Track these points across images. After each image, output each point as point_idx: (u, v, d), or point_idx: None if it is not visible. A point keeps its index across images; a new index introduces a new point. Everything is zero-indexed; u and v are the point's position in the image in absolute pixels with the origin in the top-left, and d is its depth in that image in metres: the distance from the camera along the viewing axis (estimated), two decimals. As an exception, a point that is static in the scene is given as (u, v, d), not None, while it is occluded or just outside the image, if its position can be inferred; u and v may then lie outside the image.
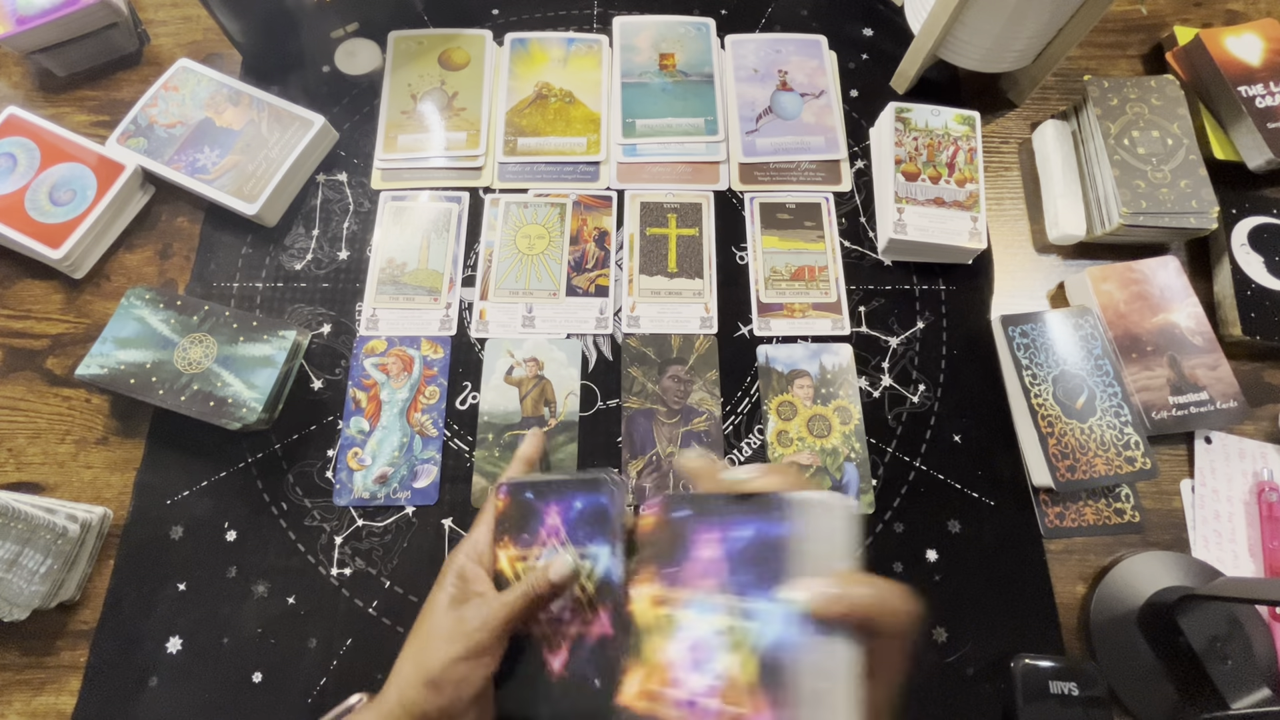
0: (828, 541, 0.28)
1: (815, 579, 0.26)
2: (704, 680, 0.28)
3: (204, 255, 0.64)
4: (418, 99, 0.70)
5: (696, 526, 0.32)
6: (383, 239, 0.65)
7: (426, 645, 0.39)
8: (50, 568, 0.50)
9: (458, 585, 0.40)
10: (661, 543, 0.34)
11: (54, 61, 0.69)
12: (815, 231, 0.66)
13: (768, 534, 0.28)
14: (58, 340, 0.61)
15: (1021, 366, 0.58)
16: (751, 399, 0.60)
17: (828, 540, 0.28)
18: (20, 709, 0.51)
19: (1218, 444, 0.60)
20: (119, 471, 0.57)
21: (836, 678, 0.26)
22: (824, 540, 0.28)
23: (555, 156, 0.68)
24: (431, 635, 0.39)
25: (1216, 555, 0.56)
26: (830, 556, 0.27)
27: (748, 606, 0.28)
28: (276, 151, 0.64)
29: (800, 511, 0.28)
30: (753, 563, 0.29)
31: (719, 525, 0.31)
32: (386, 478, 0.57)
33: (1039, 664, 0.51)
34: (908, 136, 0.65)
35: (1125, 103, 0.66)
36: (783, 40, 0.74)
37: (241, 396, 0.55)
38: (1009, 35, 0.62)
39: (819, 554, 0.27)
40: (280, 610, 0.53)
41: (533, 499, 0.42)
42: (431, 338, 0.61)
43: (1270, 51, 0.68)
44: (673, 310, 0.63)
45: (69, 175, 0.62)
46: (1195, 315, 0.61)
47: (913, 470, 0.58)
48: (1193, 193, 0.62)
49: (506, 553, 0.42)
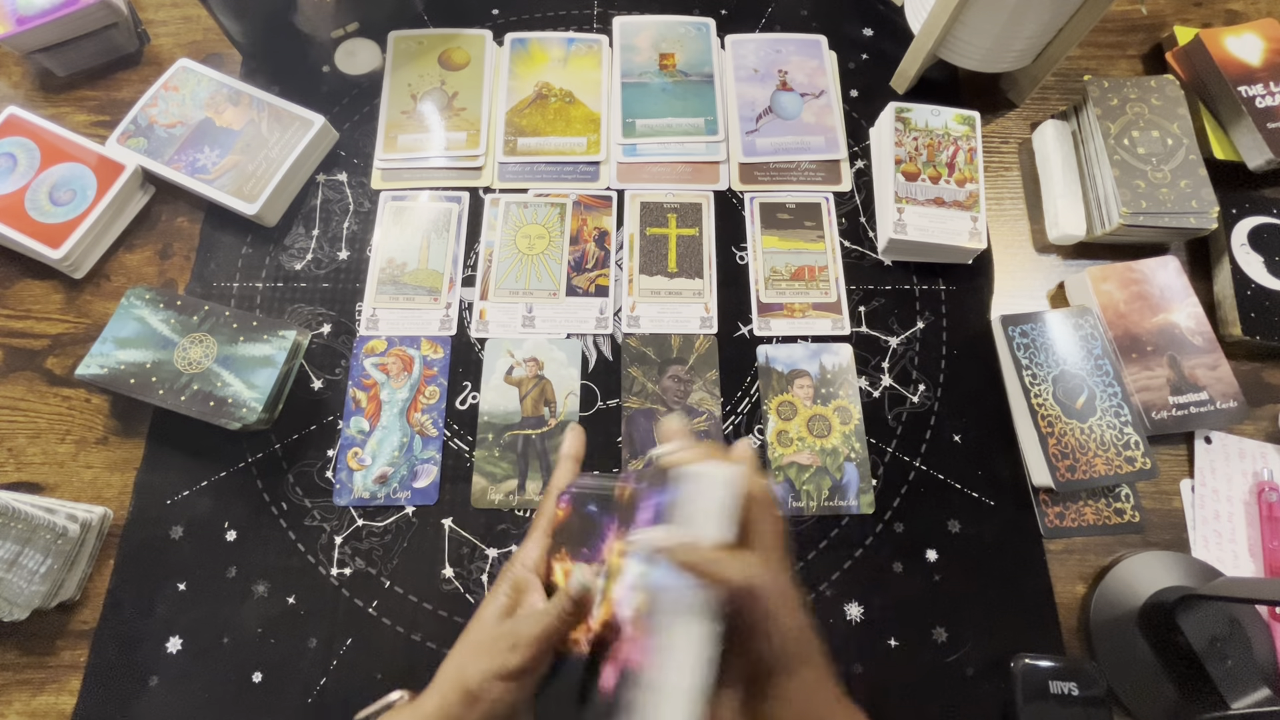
0: (698, 505, 0.34)
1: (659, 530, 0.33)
2: (625, 612, 0.35)
3: (204, 255, 0.64)
4: (418, 99, 0.70)
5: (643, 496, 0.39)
6: (383, 239, 0.65)
7: (468, 656, 0.39)
8: (50, 568, 0.50)
9: (510, 595, 0.40)
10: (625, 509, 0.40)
11: (54, 61, 0.69)
12: (815, 231, 0.66)
13: (667, 500, 0.35)
14: (58, 340, 0.61)
15: (1021, 366, 0.58)
16: (751, 399, 0.60)
17: (698, 504, 0.34)
18: (20, 709, 0.51)
19: (1218, 444, 0.60)
20: (119, 471, 0.57)
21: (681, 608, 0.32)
22: (695, 504, 0.34)
23: (555, 156, 0.68)
24: (475, 646, 0.39)
25: (1216, 555, 0.56)
26: (698, 515, 0.34)
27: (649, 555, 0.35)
28: (276, 151, 0.64)
29: (680, 482, 0.34)
30: (658, 522, 0.36)
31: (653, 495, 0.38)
32: (386, 478, 0.57)
33: (1039, 664, 0.51)
34: (908, 136, 0.65)
35: (1125, 103, 0.66)
36: (783, 40, 0.74)
37: (241, 396, 0.55)
38: (1009, 35, 0.62)
39: (694, 514, 0.34)
40: (280, 610, 0.53)
41: (596, 512, 0.41)
42: (431, 338, 0.61)
43: (1270, 51, 0.68)
44: (673, 310, 0.63)
45: (69, 175, 0.62)
46: (1195, 315, 0.61)
47: (913, 470, 0.58)
48: (1193, 193, 0.62)
49: (562, 565, 0.41)
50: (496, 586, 0.41)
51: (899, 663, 0.53)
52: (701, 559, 0.32)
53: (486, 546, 0.55)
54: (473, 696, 0.37)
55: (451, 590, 0.54)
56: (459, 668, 0.39)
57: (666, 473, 0.36)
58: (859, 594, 0.55)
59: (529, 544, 0.42)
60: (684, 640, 0.31)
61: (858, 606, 0.54)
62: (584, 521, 0.42)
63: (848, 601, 0.54)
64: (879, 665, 0.53)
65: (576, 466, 0.48)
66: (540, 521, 0.43)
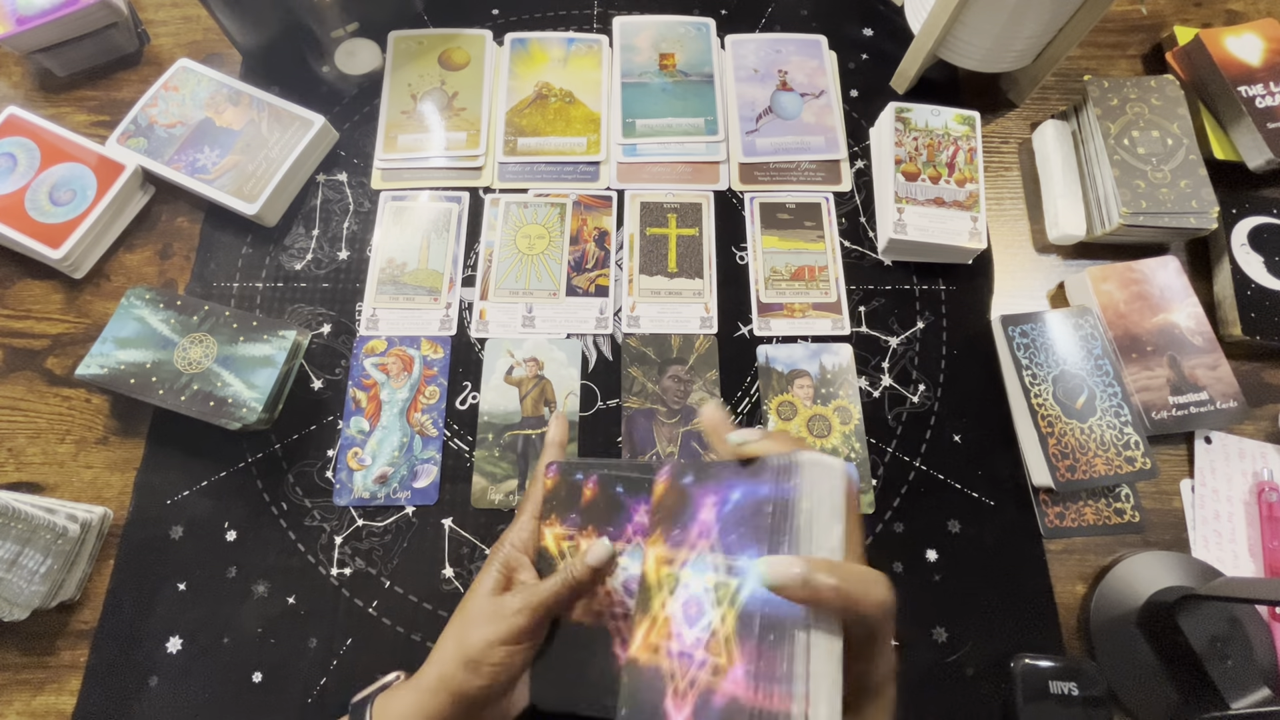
0: (816, 501, 0.28)
1: (783, 558, 0.27)
2: (695, 633, 0.30)
3: (204, 255, 0.64)
4: (418, 99, 0.70)
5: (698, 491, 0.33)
6: (383, 239, 0.65)
7: (467, 627, 0.40)
8: (50, 568, 0.50)
9: (501, 573, 0.41)
10: (668, 507, 0.35)
11: (54, 61, 0.69)
12: (815, 231, 0.66)
13: (756, 495, 0.30)
14: (58, 340, 0.61)
15: (1021, 366, 0.58)
16: (751, 399, 0.60)
17: (816, 501, 0.28)
18: (20, 709, 0.51)
19: (1218, 444, 0.60)
20: (119, 471, 0.57)
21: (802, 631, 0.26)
22: (812, 501, 0.28)
23: (555, 156, 0.68)
24: (473, 617, 0.40)
25: (1216, 555, 0.56)
26: (818, 516, 0.28)
27: (733, 564, 0.30)
28: (276, 151, 0.64)
29: (787, 473, 0.29)
30: (740, 523, 0.30)
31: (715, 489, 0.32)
32: (386, 478, 0.57)
33: (1039, 664, 0.51)
34: (908, 136, 0.65)
35: (1125, 103, 0.66)
36: (783, 40, 0.74)
37: (241, 396, 0.55)
38: (1009, 35, 0.62)
39: (807, 514, 0.28)
40: (280, 610, 0.53)
41: (581, 479, 0.42)
42: (431, 338, 0.61)
43: (1270, 51, 0.68)
44: (673, 310, 0.63)
45: (69, 175, 0.62)
46: (1195, 315, 0.61)
47: (913, 470, 0.58)
48: (1193, 193, 0.62)
49: (553, 530, 0.42)
50: (487, 566, 0.42)
51: (899, 663, 0.53)
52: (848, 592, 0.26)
53: (487, 546, 0.55)
54: (474, 663, 0.38)
55: (451, 590, 0.54)
56: (459, 638, 0.40)
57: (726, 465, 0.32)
58: (859, 594, 0.54)
59: (516, 525, 0.44)
60: (819, 665, 0.26)
61: (858, 606, 0.54)
62: (569, 488, 0.42)
63: (848, 601, 0.54)
64: (879, 665, 0.53)
65: (561, 453, 0.49)
66: (527, 505, 0.44)
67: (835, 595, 0.26)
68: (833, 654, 0.26)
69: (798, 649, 0.26)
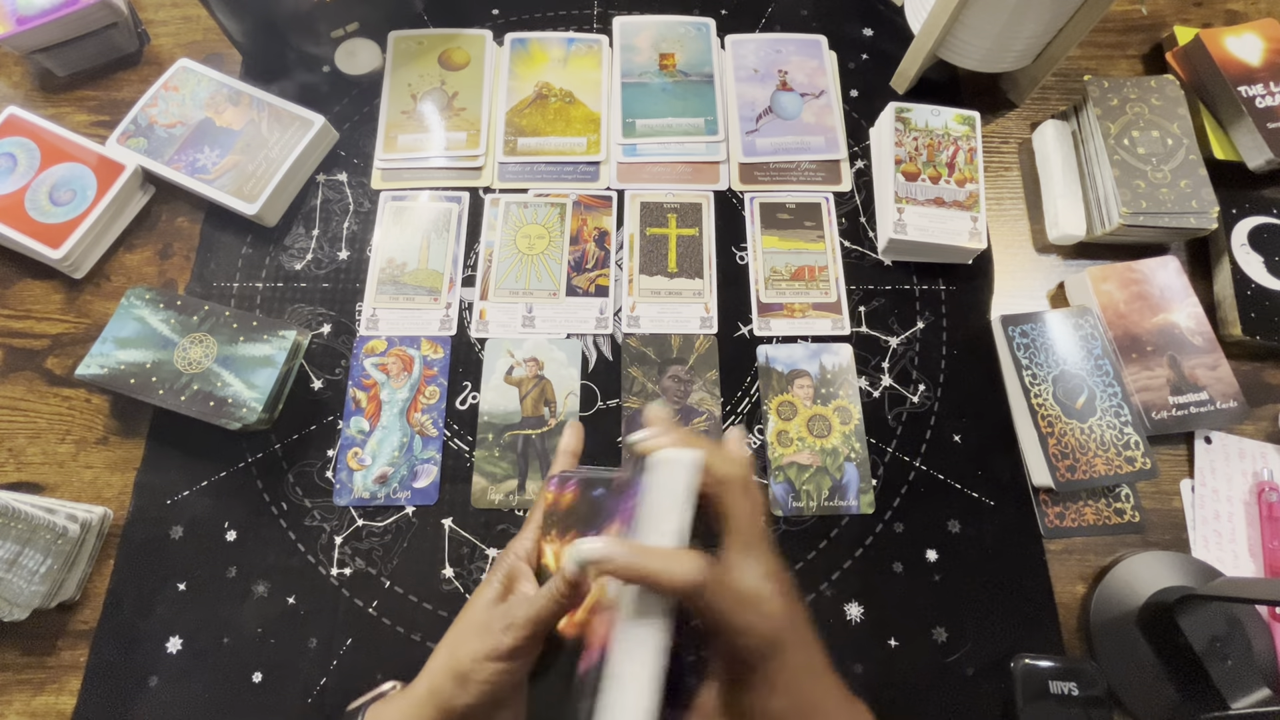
0: (658, 493, 0.32)
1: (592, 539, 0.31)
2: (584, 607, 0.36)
3: (204, 255, 0.64)
4: (418, 99, 0.70)
5: (586, 491, 0.38)
6: (383, 239, 0.65)
7: (459, 639, 0.39)
8: (50, 568, 0.50)
9: (503, 583, 0.41)
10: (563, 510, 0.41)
11: (54, 61, 0.69)
12: (815, 231, 0.66)
13: (635, 489, 0.34)
14: (58, 340, 0.61)
15: (1021, 366, 0.58)
16: (751, 399, 0.60)
17: (658, 493, 0.32)
18: (20, 709, 0.51)
19: (1218, 444, 0.60)
20: (119, 471, 0.57)
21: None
22: (656, 493, 0.32)
23: (555, 156, 0.68)
24: (465, 629, 0.39)
25: (1216, 555, 0.56)
26: (657, 507, 0.32)
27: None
28: (276, 151, 0.64)
29: (646, 469, 0.33)
30: (603, 515, 0.35)
31: (593, 486, 0.38)
32: (386, 478, 0.57)
33: (1039, 664, 0.51)
34: (908, 136, 0.65)
35: (1125, 103, 0.66)
36: (783, 40, 0.74)
37: (241, 396, 0.55)
38: (1009, 35, 0.62)
39: (656, 505, 0.32)
40: (280, 610, 0.53)
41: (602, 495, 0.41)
42: (431, 338, 0.61)
43: (1270, 51, 0.68)
44: (673, 310, 0.63)
45: (69, 175, 0.62)
46: (1195, 315, 0.61)
47: (913, 470, 0.58)
48: (1193, 193, 0.62)
49: (553, 547, 0.41)
50: (489, 575, 0.42)
51: (899, 663, 0.53)
52: (641, 567, 0.30)
53: (486, 546, 0.55)
54: (464, 677, 0.37)
55: (451, 590, 0.54)
56: (451, 651, 0.39)
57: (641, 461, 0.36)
58: (859, 594, 0.55)
59: (523, 535, 0.43)
60: (640, 634, 0.31)
61: (858, 606, 0.54)
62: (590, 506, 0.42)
63: (848, 602, 0.54)
64: (879, 665, 0.53)
65: (574, 461, 0.49)
66: (534, 514, 0.44)
67: (628, 570, 0.30)
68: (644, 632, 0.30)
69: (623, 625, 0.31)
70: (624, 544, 0.30)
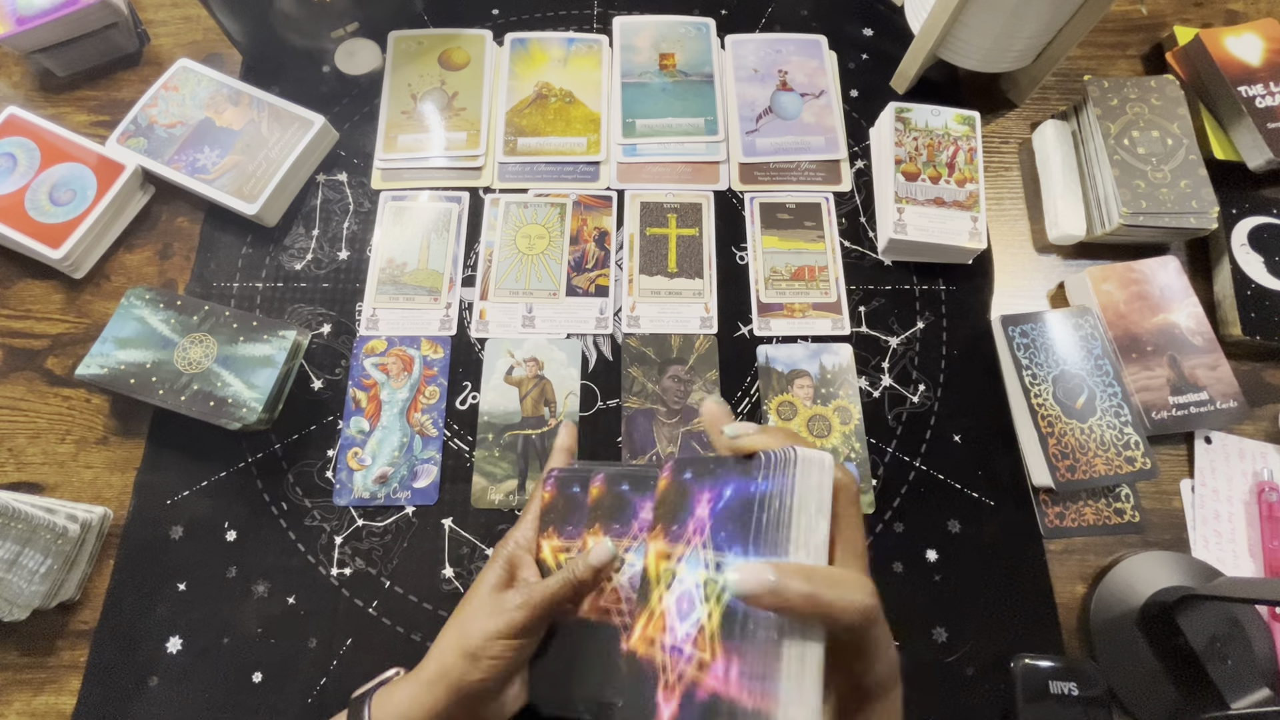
0: (802, 499, 0.28)
1: (754, 566, 0.26)
2: (685, 628, 0.30)
3: (204, 255, 0.64)
4: (418, 99, 0.70)
5: (696, 486, 0.33)
6: (383, 239, 0.65)
7: (468, 620, 0.40)
8: (50, 568, 0.50)
9: (505, 570, 0.42)
10: (669, 502, 0.35)
11: (54, 61, 0.69)
12: (815, 231, 0.66)
13: (746, 491, 0.30)
14: (58, 340, 0.61)
15: (1021, 366, 0.58)
16: (751, 399, 0.60)
17: (802, 498, 0.28)
18: (20, 709, 0.51)
19: (1218, 444, 0.60)
20: (119, 471, 0.57)
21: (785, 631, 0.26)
22: (798, 498, 0.28)
23: (555, 156, 0.68)
24: (474, 611, 0.40)
25: (1216, 555, 0.56)
26: (804, 514, 0.28)
27: (720, 561, 0.30)
28: (276, 151, 0.64)
29: (777, 469, 0.29)
30: (730, 519, 0.30)
31: (711, 484, 0.32)
32: (386, 478, 0.57)
33: (1039, 664, 0.51)
34: (908, 136, 0.65)
35: (1125, 103, 0.66)
36: (783, 40, 0.74)
37: (241, 396, 0.55)
38: (1009, 35, 0.62)
39: (792, 511, 0.28)
40: (280, 610, 0.53)
41: (579, 492, 0.42)
42: (431, 338, 0.61)
43: (1270, 51, 0.68)
44: (673, 310, 0.63)
45: (69, 175, 0.62)
46: (1195, 315, 0.61)
47: (913, 470, 0.58)
48: (1193, 193, 0.62)
49: (550, 543, 0.42)
50: (491, 563, 0.43)
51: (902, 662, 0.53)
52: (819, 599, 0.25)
53: (486, 546, 0.55)
54: (475, 655, 0.39)
55: (451, 590, 0.54)
56: (459, 630, 0.40)
57: (724, 460, 0.32)
58: (859, 594, 0.55)
59: (522, 525, 0.45)
60: (796, 666, 0.25)
61: (858, 606, 0.54)
62: (568, 501, 0.42)
63: (848, 601, 0.54)
64: (879, 665, 0.53)
65: (569, 458, 0.50)
66: (532, 506, 0.45)
67: (806, 603, 0.25)
68: (809, 656, 0.26)
69: (775, 649, 0.26)
70: (788, 572, 0.25)
